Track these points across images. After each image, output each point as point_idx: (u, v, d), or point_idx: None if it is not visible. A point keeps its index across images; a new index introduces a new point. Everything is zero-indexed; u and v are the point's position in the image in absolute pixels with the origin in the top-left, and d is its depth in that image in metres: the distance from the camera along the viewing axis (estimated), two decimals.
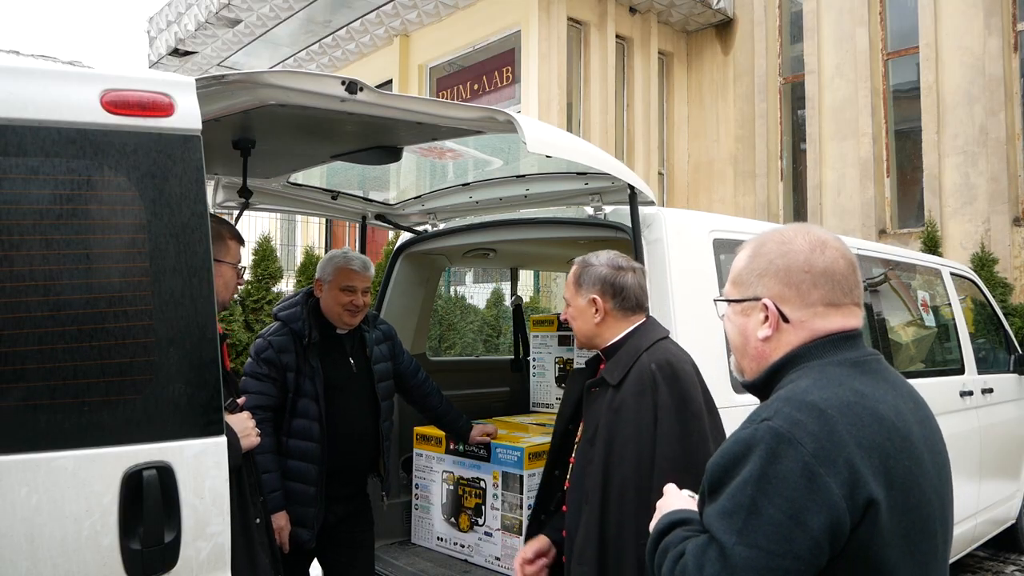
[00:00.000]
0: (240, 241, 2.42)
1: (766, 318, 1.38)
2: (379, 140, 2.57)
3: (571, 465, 2.33)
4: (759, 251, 1.41)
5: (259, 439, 2.26)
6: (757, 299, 1.39)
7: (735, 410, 2.17)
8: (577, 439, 2.34)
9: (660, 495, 1.56)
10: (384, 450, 3.22)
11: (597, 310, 2.29)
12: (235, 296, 2.53)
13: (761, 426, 1.22)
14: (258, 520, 2.26)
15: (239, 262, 2.40)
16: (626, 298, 2.30)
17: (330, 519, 3.03)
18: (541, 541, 2.40)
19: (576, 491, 2.25)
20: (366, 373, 3.16)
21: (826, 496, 1.15)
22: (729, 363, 1.57)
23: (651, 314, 2.71)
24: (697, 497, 1.49)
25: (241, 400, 2.32)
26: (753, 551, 1.15)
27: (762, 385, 1.40)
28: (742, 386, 1.48)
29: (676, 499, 1.48)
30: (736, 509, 1.18)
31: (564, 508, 2.32)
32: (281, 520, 2.83)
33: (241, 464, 2.17)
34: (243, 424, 2.18)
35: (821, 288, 1.35)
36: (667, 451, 2.07)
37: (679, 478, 1.82)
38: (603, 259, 2.33)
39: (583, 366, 2.50)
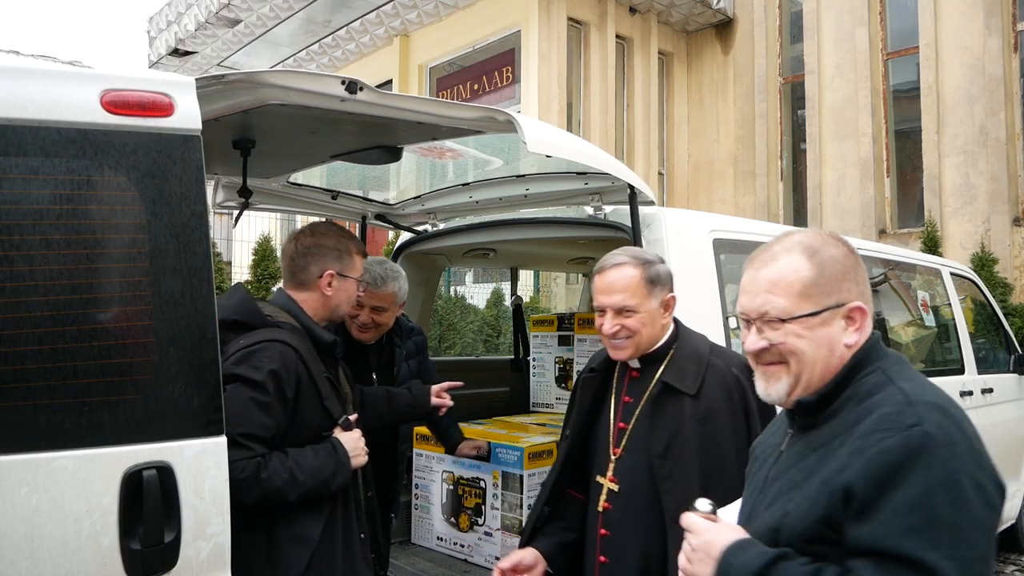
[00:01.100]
0: (365, 256, 2.40)
1: (850, 322, 1.34)
2: (379, 140, 2.57)
3: (608, 486, 2.09)
4: (822, 257, 1.36)
5: (367, 459, 2.17)
6: (840, 305, 1.34)
7: None
8: (616, 455, 2.10)
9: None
10: (400, 474, 3.02)
11: (667, 310, 2.12)
12: None
13: (914, 432, 1.17)
14: (362, 535, 2.20)
15: (361, 276, 2.38)
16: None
17: None
18: (528, 554, 2.15)
19: (635, 512, 2.03)
20: None
21: (993, 497, 1.16)
22: (772, 387, 1.38)
23: None
24: (718, 513, 1.40)
25: (354, 417, 2.21)
26: (960, 564, 1.10)
27: (827, 396, 1.34)
28: (798, 407, 1.37)
29: (718, 531, 1.34)
30: (929, 523, 1.11)
31: (603, 532, 2.08)
32: None
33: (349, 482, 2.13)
34: (354, 444, 2.12)
35: (867, 281, 1.39)
36: None
37: None
38: (652, 255, 2.15)
39: (591, 372, 2.24)
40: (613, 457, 2.10)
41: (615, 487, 2.07)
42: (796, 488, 1.29)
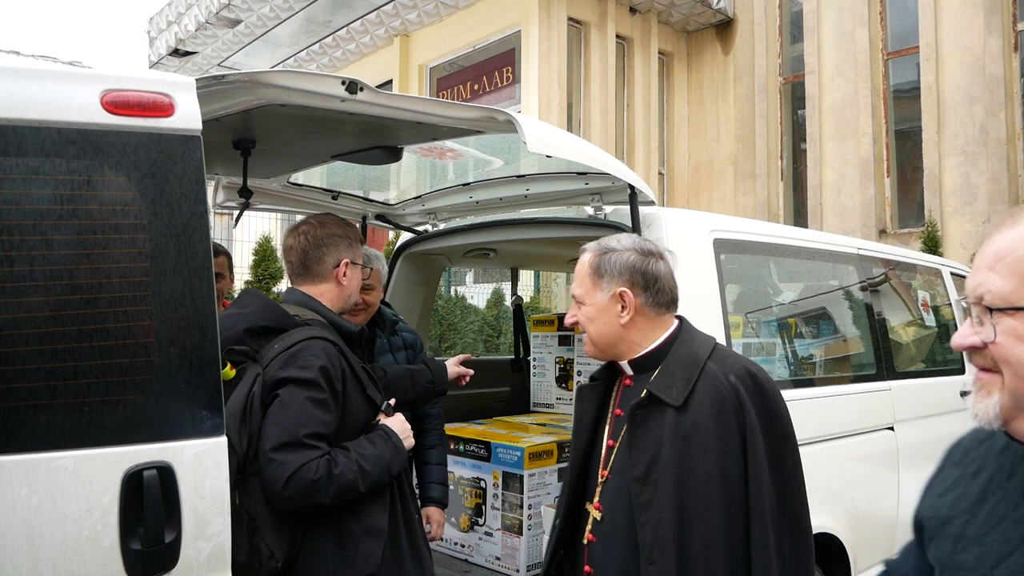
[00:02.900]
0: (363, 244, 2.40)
1: None
2: (379, 140, 2.57)
3: (592, 514, 1.81)
4: None
5: (413, 440, 2.17)
6: None
7: None
8: (603, 477, 1.82)
9: (760, 545, 1.30)
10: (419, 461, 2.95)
11: (625, 307, 1.81)
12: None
13: None
14: (417, 515, 2.22)
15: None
16: (660, 291, 1.83)
17: None
18: None
19: (616, 546, 1.76)
20: None
21: None
22: (984, 405, 1.07)
23: None
24: None
25: (392, 401, 2.20)
26: None
27: None
28: None
29: None
30: None
31: (588, 570, 1.80)
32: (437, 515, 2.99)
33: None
34: (402, 426, 2.12)
35: None
36: (762, 485, 1.65)
37: (775, 520, 1.60)
38: (626, 243, 1.87)
39: (591, 381, 1.97)
40: (600, 480, 1.83)
41: (599, 515, 1.80)
42: None
